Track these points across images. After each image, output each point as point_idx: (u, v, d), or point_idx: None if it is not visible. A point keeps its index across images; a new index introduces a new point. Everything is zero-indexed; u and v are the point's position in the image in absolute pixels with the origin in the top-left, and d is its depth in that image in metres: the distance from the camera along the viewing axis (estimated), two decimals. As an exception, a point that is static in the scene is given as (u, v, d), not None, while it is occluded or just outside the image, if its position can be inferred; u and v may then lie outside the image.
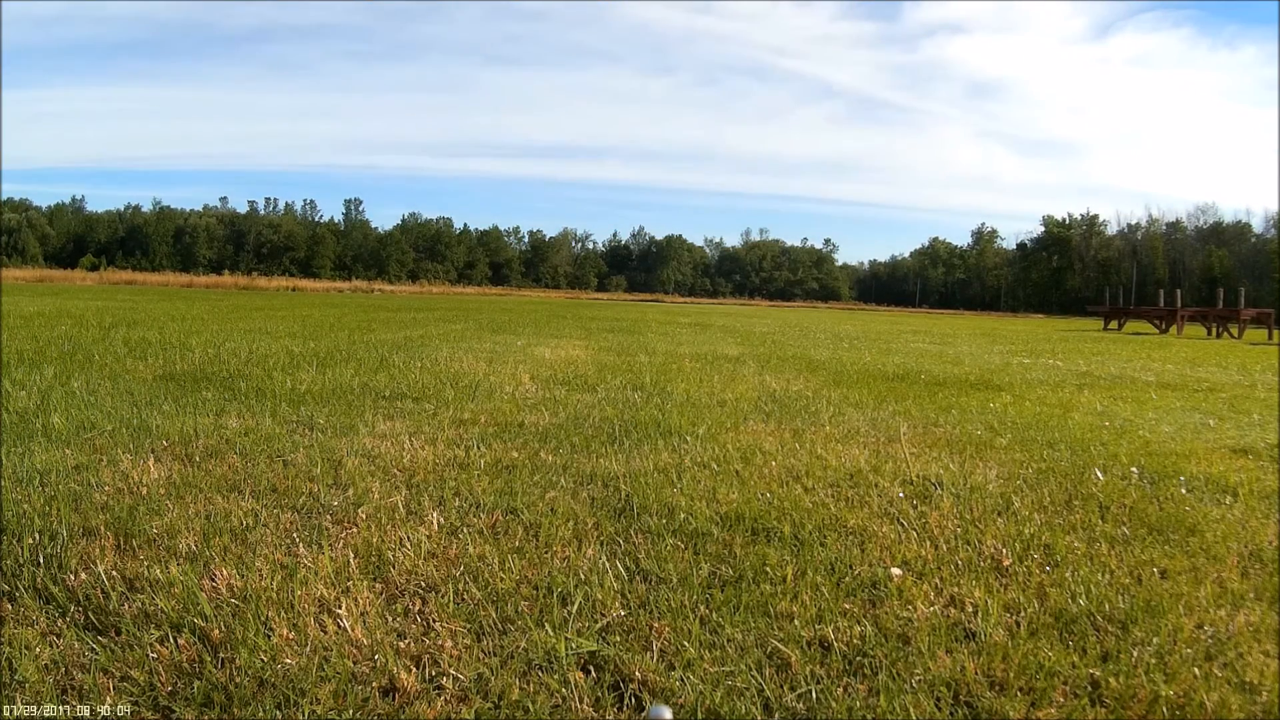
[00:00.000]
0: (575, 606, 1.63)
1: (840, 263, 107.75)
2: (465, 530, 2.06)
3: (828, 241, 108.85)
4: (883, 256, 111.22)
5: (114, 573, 1.70)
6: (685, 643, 1.51)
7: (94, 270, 54.89)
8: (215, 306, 15.35)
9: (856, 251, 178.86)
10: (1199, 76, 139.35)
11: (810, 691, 1.37)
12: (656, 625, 1.57)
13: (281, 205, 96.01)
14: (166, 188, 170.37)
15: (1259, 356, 10.95)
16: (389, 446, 2.93)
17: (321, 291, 43.42)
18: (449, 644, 1.48)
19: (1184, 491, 2.70)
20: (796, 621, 1.61)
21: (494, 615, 1.59)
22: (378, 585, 1.72)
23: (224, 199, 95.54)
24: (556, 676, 1.39)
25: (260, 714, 1.27)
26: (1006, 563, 1.96)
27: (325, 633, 1.50)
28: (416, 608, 1.62)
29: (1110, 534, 2.21)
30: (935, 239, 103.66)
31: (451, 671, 1.39)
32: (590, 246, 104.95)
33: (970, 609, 1.69)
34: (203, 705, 1.28)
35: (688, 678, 1.39)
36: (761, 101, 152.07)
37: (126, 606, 1.57)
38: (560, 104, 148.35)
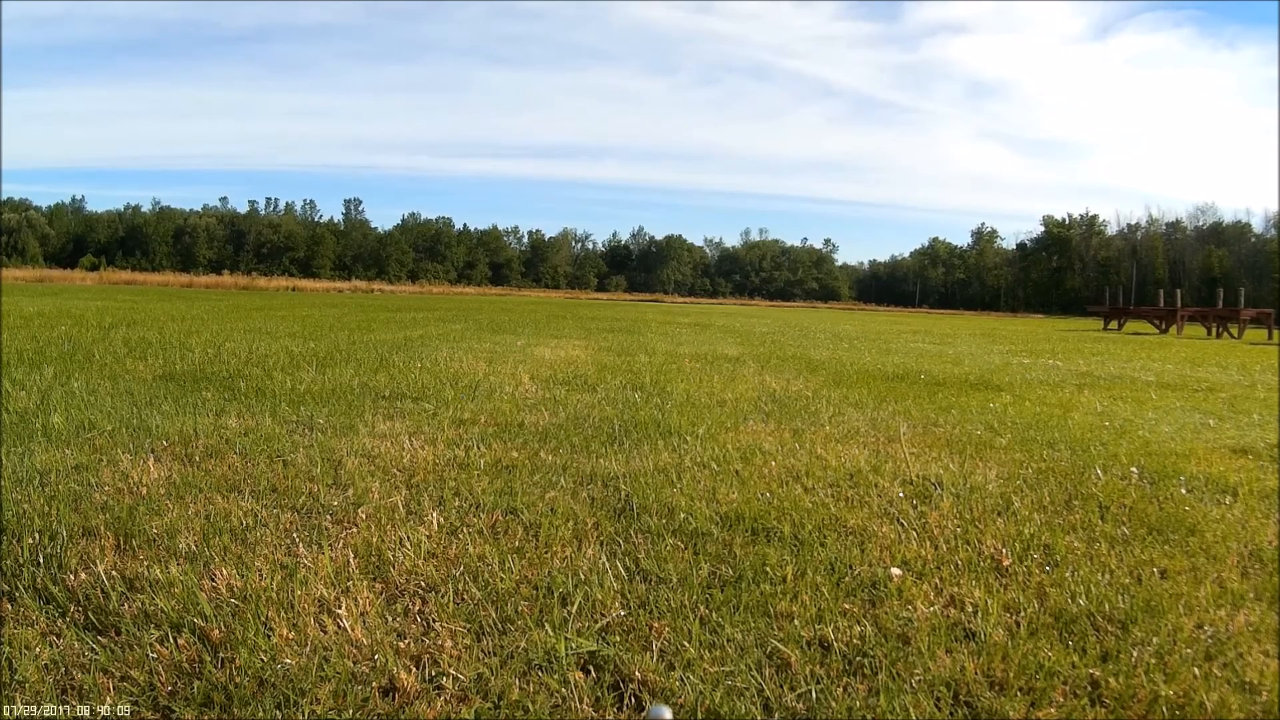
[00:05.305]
0: (575, 606, 1.63)
1: (840, 263, 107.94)
2: (465, 530, 2.06)
3: (828, 241, 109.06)
4: (883, 256, 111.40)
5: (114, 573, 1.70)
6: (685, 643, 1.51)
7: (94, 270, 54.84)
8: (215, 306, 15.35)
9: (856, 251, 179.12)
10: (1199, 76, 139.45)
11: (810, 691, 1.37)
12: (656, 625, 1.57)
13: (281, 205, 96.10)
14: (166, 188, 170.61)
15: (1259, 356, 10.95)
16: (389, 446, 2.93)
17: (321, 291, 43.38)
18: (449, 644, 1.48)
19: (1184, 491, 2.70)
20: (796, 621, 1.61)
21: (494, 615, 1.59)
22: (378, 585, 1.72)
23: (224, 199, 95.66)
24: (556, 676, 1.39)
25: (260, 714, 1.27)
26: (1006, 563, 1.97)
27: (325, 633, 1.50)
28: (416, 608, 1.62)
29: (1110, 534, 2.21)
30: (935, 239, 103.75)
31: (451, 671, 1.39)
32: (590, 246, 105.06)
33: (970, 609, 1.69)
34: (203, 705, 1.28)
35: (688, 678, 1.39)
36: (761, 101, 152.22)
37: (126, 606, 1.57)
38: (560, 104, 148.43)
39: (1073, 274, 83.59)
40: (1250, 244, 77.58)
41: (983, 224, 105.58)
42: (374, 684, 1.35)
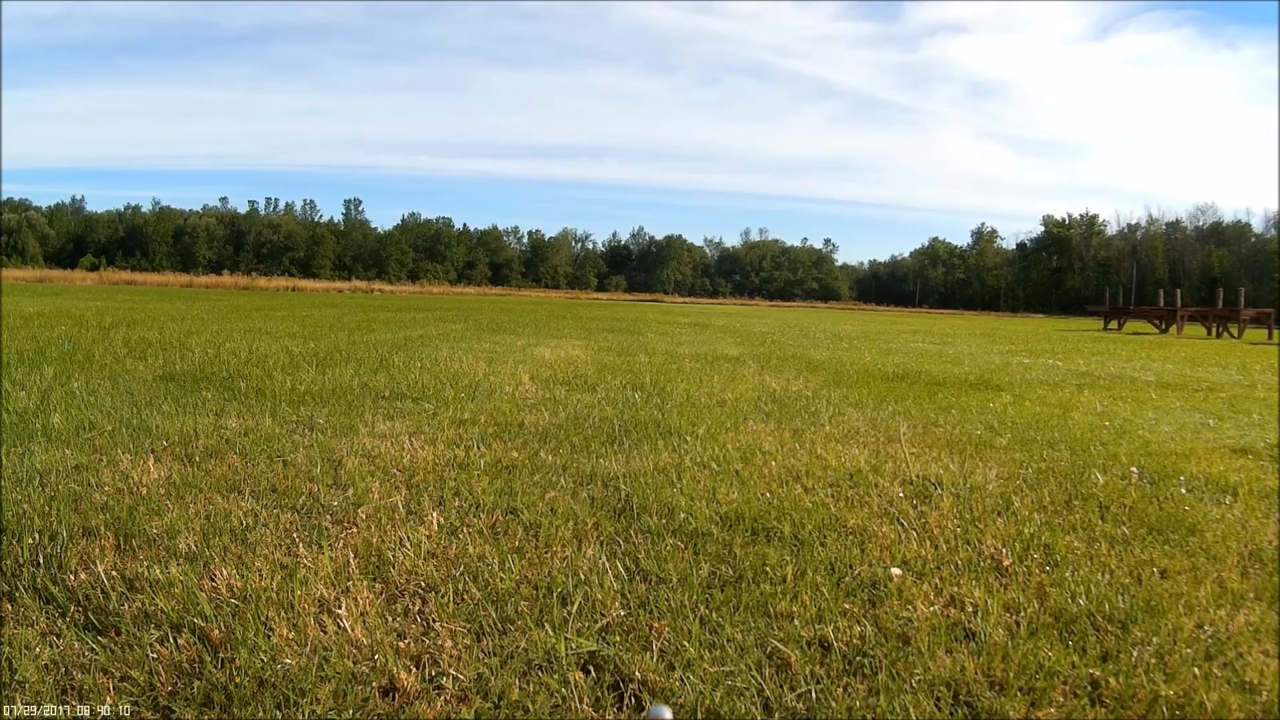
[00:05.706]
0: (575, 606, 1.63)
1: (840, 263, 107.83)
2: (465, 530, 2.06)
3: (828, 241, 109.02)
4: (883, 256, 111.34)
5: (114, 573, 1.70)
6: (685, 643, 1.51)
7: (94, 270, 54.79)
8: (215, 307, 15.35)
9: (856, 251, 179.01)
10: (1199, 76, 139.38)
11: (810, 691, 1.37)
12: (656, 625, 1.57)
13: (281, 205, 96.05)
14: (166, 188, 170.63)
15: (1259, 356, 10.95)
16: (389, 446, 2.93)
17: (321, 292, 43.32)
18: (449, 644, 1.48)
19: (1184, 491, 2.70)
20: (796, 621, 1.61)
21: (494, 615, 1.59)
22: (378, 585, 1.72)
23: (224, 199, 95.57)
24: (556, 676, 1.39)
25: (260, 714, 1.27)
26: (1006, 563, 1.97)
27: (325, 633, 1.50)
28: (416, 608, 1.62)
29: (1110, 534, 2.21)
30: (935, 239, 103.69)
31: (451, 671, 1.39)
32: (590, 246, 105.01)
33: (970, 609, 1.69)
34: (203, 705, 1.28)
35: (688, 678, 1.39)
36: (761, 101, 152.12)
37: (126, 606, 1.57)
38: (560, 104, 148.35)
39: (1073, 274, 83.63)
40: (1250, 244, 77.63)
41: (983, 224, 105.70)
42: (374, 684, 1.35)
